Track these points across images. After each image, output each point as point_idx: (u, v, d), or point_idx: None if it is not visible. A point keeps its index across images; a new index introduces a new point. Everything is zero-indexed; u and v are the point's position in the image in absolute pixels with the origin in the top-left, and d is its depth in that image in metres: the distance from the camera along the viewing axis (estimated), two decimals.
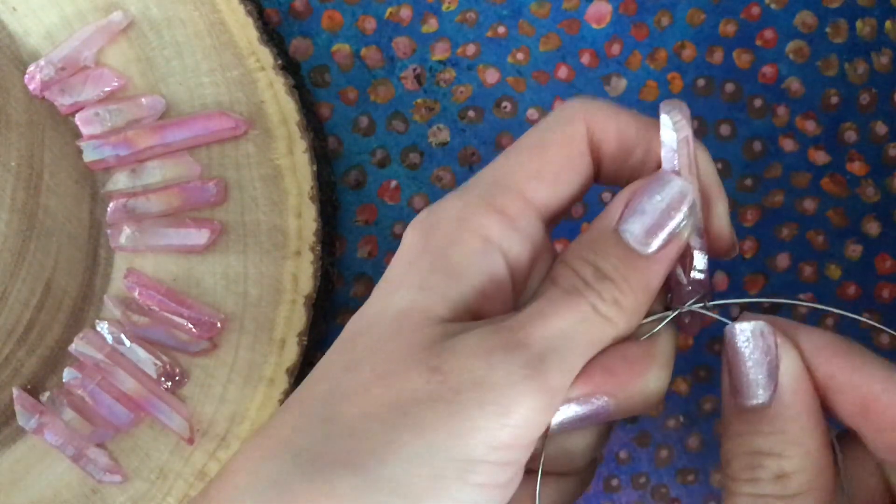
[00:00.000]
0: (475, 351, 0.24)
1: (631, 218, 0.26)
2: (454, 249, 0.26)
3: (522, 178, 0.27)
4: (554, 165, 0.27)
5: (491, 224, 0.26)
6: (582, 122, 0.27)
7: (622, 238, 0.26)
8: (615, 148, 0.28)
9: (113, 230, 0.38)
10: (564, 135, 0.27)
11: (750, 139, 0.40)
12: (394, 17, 0.40)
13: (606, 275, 0.25)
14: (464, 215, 0.26)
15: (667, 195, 0.26)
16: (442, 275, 0.26)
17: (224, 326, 0.38)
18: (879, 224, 0.40)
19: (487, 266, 0.26)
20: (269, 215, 0.38)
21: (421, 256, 0.26)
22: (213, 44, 0.38)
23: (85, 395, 0.38)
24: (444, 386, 0.24)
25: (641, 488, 0.40)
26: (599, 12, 0.40)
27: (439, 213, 0.27)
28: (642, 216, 0.26)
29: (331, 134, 0.41)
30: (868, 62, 0.40)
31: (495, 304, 0.26)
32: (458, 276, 0.26)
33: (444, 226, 0.26)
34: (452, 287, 0.26)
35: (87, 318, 0.38)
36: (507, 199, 0.27)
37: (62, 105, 0.38)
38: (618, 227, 0.26)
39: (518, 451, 0.24)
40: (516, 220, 0.27)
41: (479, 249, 0.26)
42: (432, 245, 0.26)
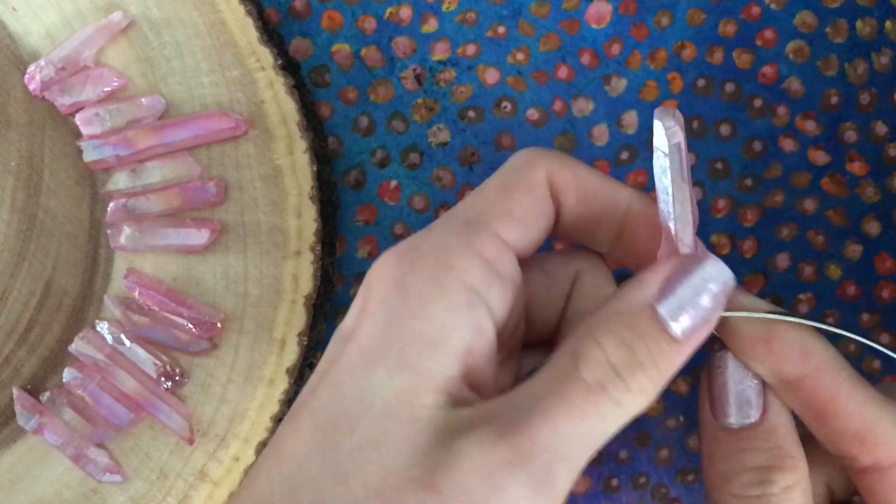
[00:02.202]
0: (474, 467, 0.22)
1: (672, 295, 0.25)
2: (437, 306, 0.24)
3: (495, 218, 0.26)
4: (522, 207, 0.26)
5: (474, 271, 0.25)
6: (543, 169, 0.27)
7: (660, 317, 0.24)
8: (574, 198, 0.27)
9: (113, 230, 0.38)
10: (528, 179, 0.27)
11: (750, 139, 0.40)
12: (394, 17, 0.40)
13: (640, 361, 0.24)
14: (444, 260, 0.25)
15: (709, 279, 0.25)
16: (423, 345, 0.24)
17: (224, 326, 0.38)
18: (879, 224, 0.40)
19: (473, 321, 0.24)
20: (269, 215, 0.38)
21: (400, 318, 0.24)
22: (213, 44, 0.38)
23: (85, 395, 0.38)
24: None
25: (641, 488, 0.40)
26: (599, 12, 0.40)
27: (413, 257, 0.25)
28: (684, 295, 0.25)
29: (331, 134, 0.41)
30: (868, 62, 0.40)
31: (483, 365, 0.25)
32: (442, 342, 0.24)
33: (423, 274, 0.25)
34: (436, 360, 0.24)
35: (87, 318, 0.38)
36: (485, 240, 0.25)
37: (62, 105, 0.38)
38: (656, 305, 0.24)
39: None
40: (496, 263, 0.25)
41: (463, 303, 0.24)
42: (411, 301, 0.24)
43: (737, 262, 0.40)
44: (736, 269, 0.40)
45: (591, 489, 0.40)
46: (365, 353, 0.24)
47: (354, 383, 0.24)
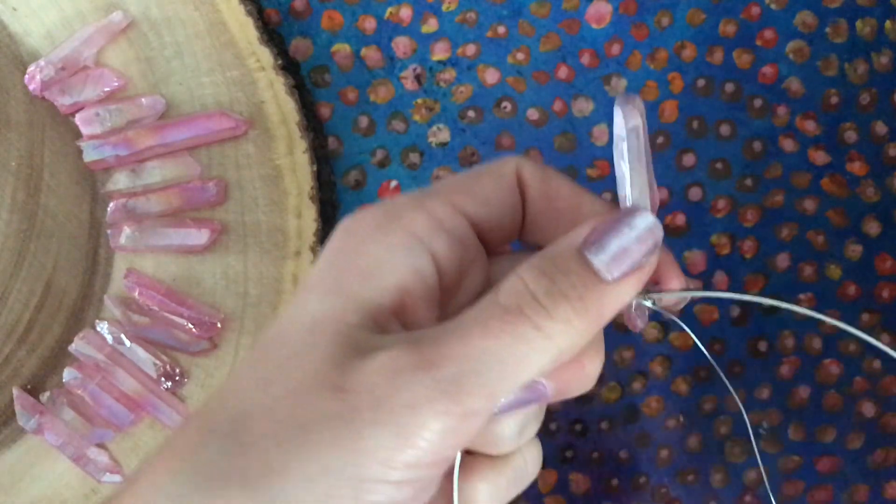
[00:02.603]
0: (381, 369, 0.23)
1: (598, 242, 0.25)
2: (374, 244, 0.25)
3: (453, 191, 0.27)
4: (484, 188, 0.27)
5: (418, 220, 0.26)
6: (513, 165, 0.28)
7: (586, 258, 0.25)
8: (539, 190, 0.28)
9: (113, 230, 0.38)
10: (495, 169, 0.28)
11: (750, 139, 0.40)
12: (394, 17, 0.40)
13: (562, 291, 0.24)
14: (390, 211, 0.26)
15: (637, 227, 0.26)
16: (357, 274, 0.25)
17: (224, 326, 0.38)
18: (879, 224, 0.40)
19: (411, 262, 0.25)
20: (269, 215, 0.38)
21: (338, 255, 0.26)
22: (213, 44, 0.38)
23: (85, 395, 0.38)
24: (345, 404, 0.23)
25: (641, 488, 0.40)
26: (599, 12, 0.40)
27: (366, 212, 0.26)
28: (609, 242, 0.25)
29: (331, 134, 0.41)
30: (868, 62, 0.40)
31: (420, 308, 0.26)
32: (376, 274, 0.25)
33: (369, 221, 0.26)
34: (368, 288, 0.25)
35: (87, 318, 0.38)
36: (437, 202, 0.26)
37: (62, 105, 0.38)
38: (582, 249, 0.25)
39: (422, 470, 0.23)
40: (444, 222, 0.26)
41: (402, 243, 0.25)
42: (353, 240, 0.26)
43: (737, 262, 0.40)
44: (736, 269, 0.40)
45: (591, 489, 0.40)
46: (307, 287, 0.26)
47: (291, 309, 0.25)
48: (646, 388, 0.40)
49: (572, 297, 0.24)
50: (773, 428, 0.40)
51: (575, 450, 0.40)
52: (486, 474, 0.27)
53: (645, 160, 0.27)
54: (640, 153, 0.27)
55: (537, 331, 0.24)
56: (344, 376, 0.23)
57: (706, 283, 0.40)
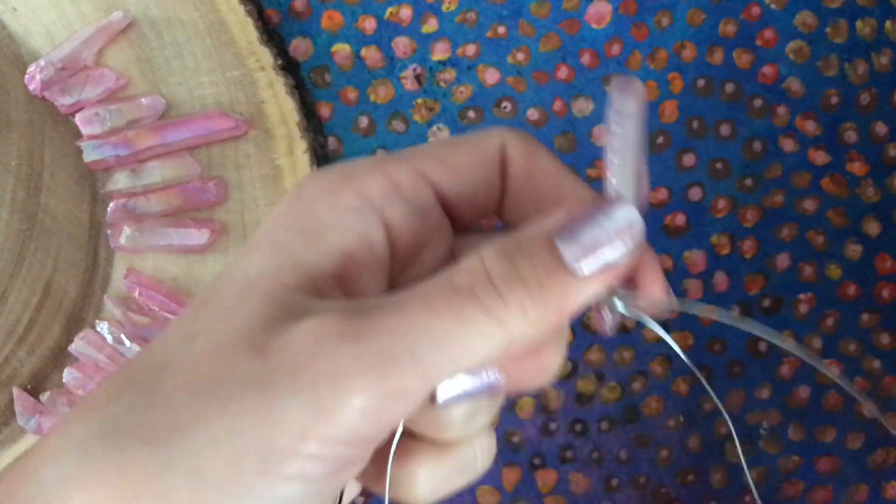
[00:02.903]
0: (307, 333, 0.22)
1: (571, 231, 0.23)
2: (323, 205, 0.24)
3: (422, 157, 0.25)
4: (458, 158, 0.26)
5: (373, 183, 0.24)
6: (498, 136, 0.26)
7: (555, 246, 0.23)
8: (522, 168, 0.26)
9: (113, 230, 0.38)
10: (477, 138, 0.26)
11: (750, 139, 0.40)
12: (394, 17, 0.40)
13: (522, 276, 0.22)
14: (346, 172, 0.25)
15: (616, 221, 0.23)
16: (300, 234, 0.24)
17: None
18: (879, 224, 0.40)
19: (359, 226, 0.24)
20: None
21: (286, 214, 0.24)
22: (213, 44, 0.38)
23: None
24: (262, 367, 0.21)
25: (641, 488, 0.40)
26: (599, 12, 0.40)
27: (322, 171, 0.25)
28: (583, 233, 0.23)
29: (331, 134, 0.41)
30: (868, 62, 0.40)
31: (365, 275, 0.24)
32: (320, 236, 0.24)
33: (322, 182, 0.25)
34: (310, 250, 0.23)
35: (87, 319, 0.38)
36: (398, 167, 0.25)
37: (62, 105, 0.38)
38: (554, 236, 0.23)
39: (340, 447, 0.22)
40: (403, 188, 0.25)
41: (351, 206, 0.24)
42: (303, 199, 0.24)
43: (737, 262, 0.40)
44: (736, 269, 0.40)
45: (592, 489, 0.40)
46: (250, 243, 0.24)
47: (231, 269, 0.24)
48: (646, 388, 0.40)
49: (531, 283, 0.22)
50: (773, 428, 0.40)
51: (575, 450, 0.40)
52: (427, 460, 0.25)
53: (634, 148, 0.24)
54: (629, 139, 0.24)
55: (486, 314, 0.22)
56: (268, 338, 0.22)
57: (706, 283, 0.40)
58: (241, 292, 0.23)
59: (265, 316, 0.22)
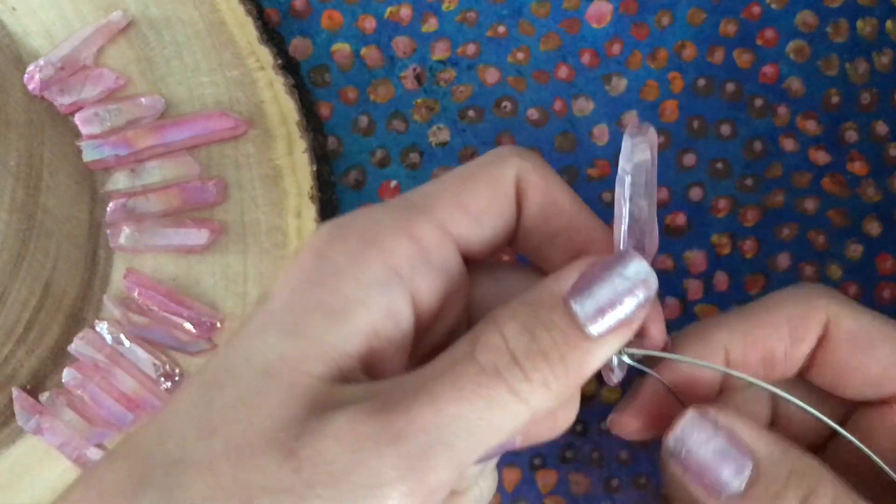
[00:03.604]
0: (341, 437, 0.21)
1: (585, 291, 0.23)
2: (348, 278, 0.23)
3: (444, 206, 0.24)
4: (478, 201, 0.25)
5: (400, 250, 0.23)
6: (514, 166, 0.25)
7: (571, 310, 0.23)
8: (538, 204, 0.25)
9: (112, 230, 0.38)
10: (493, 174, 0.25)
11: (750, 139, 0.40)
12: (394, 16, 0.40)
13: (543, 349, 0.22)
14: (371, 235, 0.23)
15: (630, 277, 0.23)
16: (324, 313, 0.22)
17: (224, 327, 0.38)
18: (880, 224, 0.40)
19: (386, 302, 0.23)
20: (269, 215, 0.38)
21: (307, 284, 0.23)
22: (212, 43, 0.38)
23: (84, 396, 0.38)
24: (298, 476, 0.20)
25: (642, 489, 0.40)
26: (600, 12, 0.40)
27: (343, 229, 0.24)
28: (598, 292, 0.23)
29: (331, 134, 0.41)
30: (869, 62, 0.40)
31: (388, 352, 0.23)
32: (345, 316, 0.22)
33: (345, 245, 0.23)
34: (335, 332, 0.22)
35: (87, 318, 0.38)
36: (423, 226, 0.24)
37: (62, 105, 0.38)
38: (568, 298, 0.23)
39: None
40: (431, 251, 0.24)
41: (379, 280, 0.23)
42: (325, 268, 0.23)
43: (737, 262, 0.40)
44: (736, 269, 0.40)
45: (592, 489, 0.40)
46: (266, 316, 0.23)
47: (246, 345, 0.23)
48: None
49: (553, 357, 0.22)
50: None
51: (575, 450, 0.40)
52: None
53: (648, 200, 0.24)
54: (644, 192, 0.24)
55: (513, 395, 0.22)
56: (298, 440, 0.21)
57: (707, 283, 0.40)
58: (261, 381, 0.22)
59: (290, 411, 0.21)
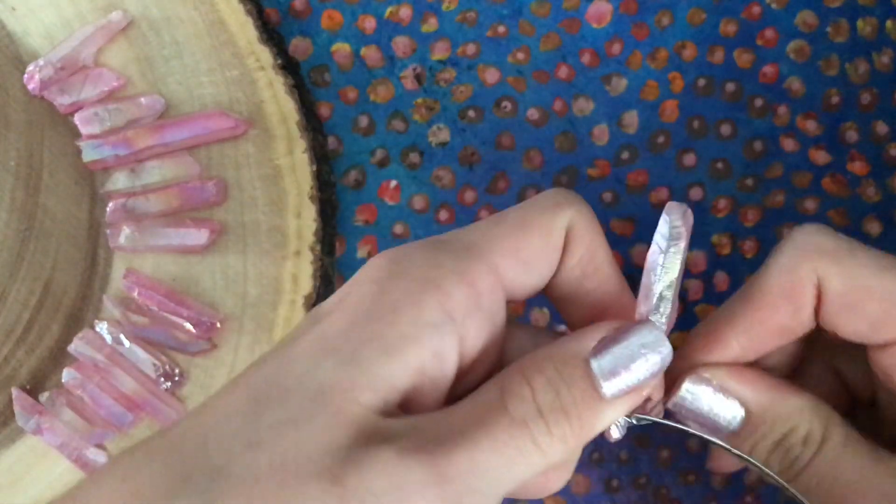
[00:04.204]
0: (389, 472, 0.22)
1: (607, 354, 0.25)
2: (407, 316, 0.24)
3: (501, 253, 0.25)
4: (532, 249, 0.26)
5: (457, 295, 0.24)
6: (567, 217, 0.26)
7: (591, 371, 0.24)
8: (580, 259, 0.27)
9: (112, 230, 0.38)
10: (548, 222, 0.26)
11: (751, 139, 0.40)
12: (394, 16, 0.40)
13: (564, 407, 0.24)
14: (432, 276, 0.24)
15: (650, 348, 0.25)
16: (380, 348, 0.23)
17: (223, 326, 0.38)
18: (880, 224, 0.40)
19: (437, 344, 0.24)
20: (269, 215, 0.38)
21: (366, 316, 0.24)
22: (212, 43, 0.38)
23: (84, 396, 0.38)
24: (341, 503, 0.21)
25: (642, 489, 0.40)
26: (600, 12, 0.40)
27: (405, 265, 0.25)
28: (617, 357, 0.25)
29: (331, 134, 0.41)
30: (869, 62, 0.40)
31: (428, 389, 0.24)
32: (399, 351, 0.23)
33: (406, 283, 0.24)
34: (388, 366, 0.23)
35: (87, 319, 0.38)
36: (480, 271, 0.25)
37: (61, 105, 0.38)
38: (590, 358, 0.25)
39: None
40: (483, 296, 0.25)
41: (434, 322, 0.24)
42: (385, 303, 0.24)
43: (737, 262, 0.40)
44: (736, 269, 0.40)
45: (592, 489, 0.40)
46: (322, 341, 0.24)
47: (300, 366, 0.23)
48: None
49: (572, 416, 0.24)
50: None
51: None
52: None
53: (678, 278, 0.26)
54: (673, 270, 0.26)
55: (535, 447, 0.24)
56: (344, 468, 0.22)
57: (707, 283, 0.40)
58: (311, 405, 0.23)
59: (338, 440, 0.22)
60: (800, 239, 0.28)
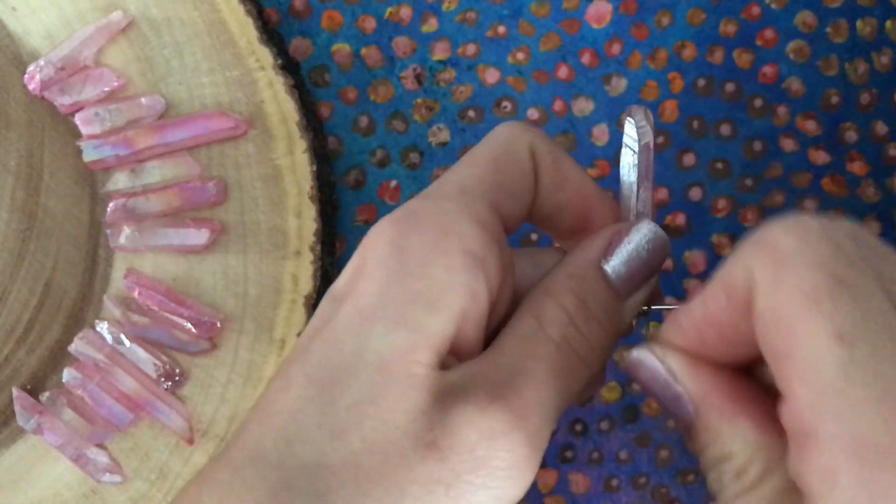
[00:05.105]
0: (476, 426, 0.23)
1: (616, 256, 0.26)
2: (437, 266, 0.24)
3: (489, 189, 0.26)
4: (511, 180, 0.27)
5: (474, 235, 0.25)
6: (527, 146, 0.27)
7: (607, 276, 0.26)
8: (550, 176, 0.28)
9: (112, 230, 0.38)
10: (514, 152, 0.27)
11: (750, 139, 0.40)
12: (394, 16, 0.40)
13: (596, 316, 0.26)
14: (444, 224, 0.25)
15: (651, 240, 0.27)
16: (422, 303, 0.24)
17: (224, 326, 0.38)
18: (880, 224, 0.40)
19: (471, 284, 0.24)
20: (269, 215, 0.38)
21: (398, 278, 0.24)
22: (212, 44, 0.38)
23: (84, 396, 0.38)
24: (444, 465, 0.23)
25: (642, 489, 0.40)
26: (599, 12, 0.40)
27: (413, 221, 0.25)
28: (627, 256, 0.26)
29: (331, 134, 0.41)
30: (868, 62, 0.40)
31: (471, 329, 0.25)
32: (439, 301, 0.24)
33: (423, 235, 0.25)
34: (434, 318, 0.24)
35: (87, 319, 0.38)
36: (485, 210, 0.26)
37: (62, 105, 0.38)
38: (602, 265, 0.26)
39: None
40: (494, 231, 0.26)
41: (464, 265, 0.24)
42: (410, 263, 0.24)
43: None
44: None
45: (592, 489, 0.40)
46: (362, 310, 0.24)
47: (351, 340, 0.24)
48: None
49: (604, 322, 0.26)
50: None
51: (575, 450, 0.40)
52: None
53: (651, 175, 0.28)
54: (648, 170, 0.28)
55: (581, 362, 0.25)
56: (434, 432, 0.23)
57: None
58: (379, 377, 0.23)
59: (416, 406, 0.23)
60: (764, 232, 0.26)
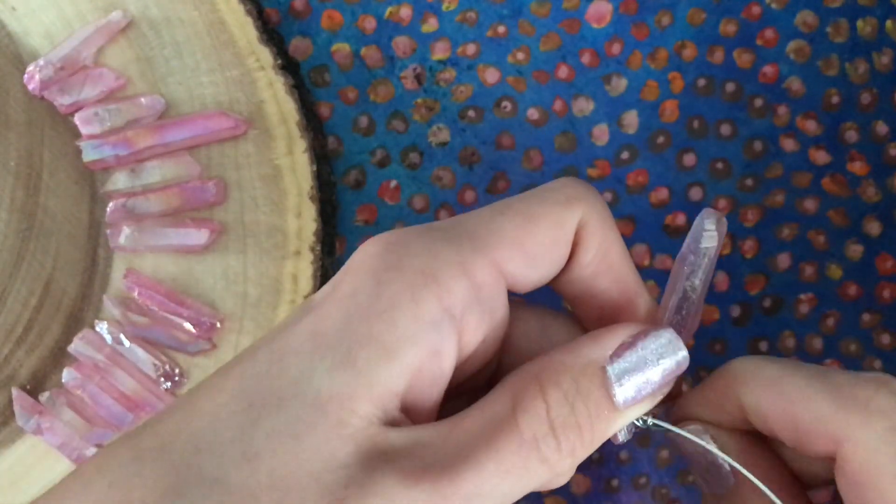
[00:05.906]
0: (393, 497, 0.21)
1: (623, 362, 0.24)
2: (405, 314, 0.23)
3: (502, 245, 0.24)
4: (537, 243, 0.25)
5: (457, 290, 0.23)
6: (579, 210, 0.25)
7: (607, 380, 0.24)
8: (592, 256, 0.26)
9: (112, 230, 0.38)
10: (558, 216, 0.25)
11: (750, 139, 0.40)
12: (394, 16, 0.40)
13: (578, 422, 0.23)
14: (431, 270, 0.23)
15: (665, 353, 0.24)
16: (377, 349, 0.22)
17: (223, 327, 0.38)
18: (880, 224, 0.40)
19: (436, 342, 0.23)
20: (269, 215, 0.38)
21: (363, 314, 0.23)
22: (212, 43, 0.38)
23: (84, 396, 0.38)
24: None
25: (642, 489, 0.40)
26: (600, 12, 0.40)
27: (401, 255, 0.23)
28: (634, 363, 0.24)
29: (331, 134, 0.41)
30: (869, 62, 0.40)
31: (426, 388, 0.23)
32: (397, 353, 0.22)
33: (403, 276, 0.23)
34: (386, 369, 0.22)
35: (87, 319, 0.38)
36: (481, 265, 0.24)
37: (61, 105, 0.38)
38: (606, 366, 0.24)
39: None
40: (484, 290, 0.24)
41: (433, 319, 0.23)
42: (381, 300, 0.23)
43: (737, 262, 0.40)
44: (736, 269, 0.40)
45: (592, 489, 0.40)
46: (316, 335, 0.23)
47: (296, 364, 0.22)
48: None
49: (585, 429, 0.23)
50: None
51: None
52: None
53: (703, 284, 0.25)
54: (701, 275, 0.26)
55: (543, 464, 0.23)
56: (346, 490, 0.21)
57: None
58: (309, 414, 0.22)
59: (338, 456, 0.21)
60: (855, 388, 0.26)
